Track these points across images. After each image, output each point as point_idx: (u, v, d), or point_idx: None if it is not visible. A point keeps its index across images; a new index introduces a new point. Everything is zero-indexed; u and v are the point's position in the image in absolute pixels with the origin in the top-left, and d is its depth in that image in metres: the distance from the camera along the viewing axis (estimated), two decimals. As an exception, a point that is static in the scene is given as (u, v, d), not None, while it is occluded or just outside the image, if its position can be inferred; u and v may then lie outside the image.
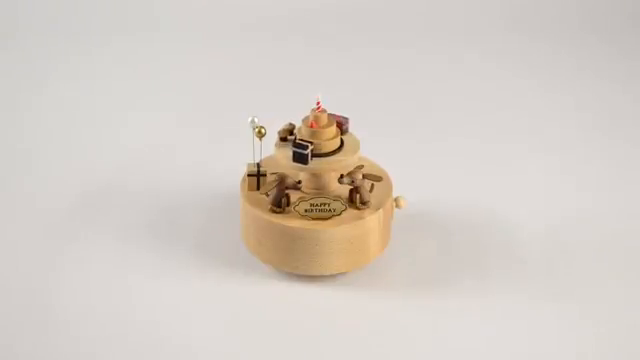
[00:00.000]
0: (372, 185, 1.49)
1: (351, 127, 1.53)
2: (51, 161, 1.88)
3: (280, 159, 1.47)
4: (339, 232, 1.44)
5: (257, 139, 1.51)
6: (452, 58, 2.45)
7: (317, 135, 1.46)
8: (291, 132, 1.49)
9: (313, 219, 1.45)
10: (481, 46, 2.53)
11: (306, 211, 1.45)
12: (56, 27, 2.53)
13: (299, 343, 1.38)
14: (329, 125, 1.47)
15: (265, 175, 1.51)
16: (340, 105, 1.58)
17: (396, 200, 1.53)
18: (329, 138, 1.47)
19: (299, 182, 1.47)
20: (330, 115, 1.48)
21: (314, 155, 1.46)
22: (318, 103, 1.47)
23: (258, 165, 1.52)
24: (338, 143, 1.48)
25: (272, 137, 1.51)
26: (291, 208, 1.46)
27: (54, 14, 2.56)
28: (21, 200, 1.73)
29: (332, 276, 1.50)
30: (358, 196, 1.47)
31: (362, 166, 1.48)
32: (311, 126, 1.46)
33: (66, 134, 1.99)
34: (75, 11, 2.58)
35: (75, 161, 1.88)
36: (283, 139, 1.49)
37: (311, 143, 1.44)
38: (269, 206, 1.46)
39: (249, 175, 1.51)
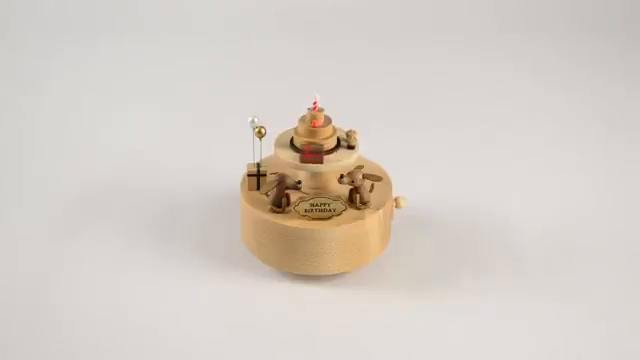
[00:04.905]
0: (372, 185, 1.49)
1: (352, 127, 1.53)
2: (51, 161, 1.88)
3: (282, 159, 1.47)
4: (339, 232, 1.44)
5: (257, 139, 1.51)
6: (452, 57, 2.45)
7: (314, 134, 1.46)
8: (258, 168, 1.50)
9: (313, 219, 1.45)
10: (481, 45, 2.53)
11: (306, 211, 1.45)
12: (56, 26, 2.53)
13: (299, 343, 1.38)
14: (326, 124, 1.47)
15: (265, 175, 1.51)
16: (340, 105, 1.58)
17: (396, 200, 1.53)
18: (326, 137, 1.47)
19: (299, 182, 1.47)
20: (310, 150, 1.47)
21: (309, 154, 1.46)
22: (315, 103, 1.47)
23: (258, 165, 1.52)
24: (335, 142, 1.48)
25: (272, 137, 1.51)
26: (291, 208, 1.46)
27: (53, 13, 2.56)
28: (21, 200, 1.73)
29: (332, 276, 1.50)
30: (358, 196, 1.47)
31: (362, 166, 1.48)
32: (313, 125, 1.46)
33: (66, 134, 1.99)
34: (76, 10, 2.58)
35: (75, 161, 1.88)
36: (251, 175, 1.50)
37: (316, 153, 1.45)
38: (269, 206, 1.46)
39: (249, 175, 1.51)
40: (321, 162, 1.45)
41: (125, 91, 2.22)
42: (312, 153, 1.45)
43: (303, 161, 1.45)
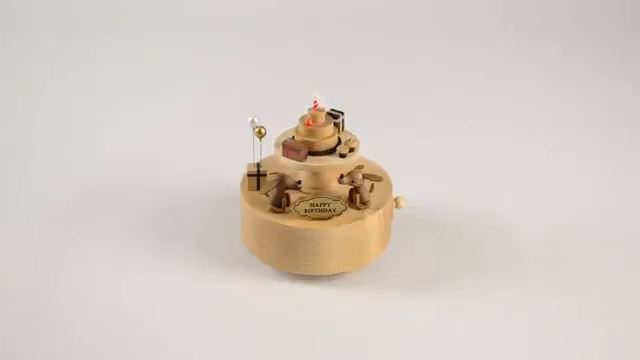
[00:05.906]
0: (372, 185, 1.49)
1: (352, 127, 1.54)
2: (51, 161, 1.88)
3: (280, 158, 1.47)
4: (339, 232, 1.44)
5: (257, 139, 1.51)
6: (453, 58, 2.45)
7: (314, 134, 1.46)
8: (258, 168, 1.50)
9: (313, 219, 1.45)
10: (482, 45, 2.53)
11: (306, 211, 1.45)
12: (56, 27, 2.53)
13: (299, 343, 1.38)
14: (326, 124, 1.47)
15: (265, 175, 1.51)
16: (340, 105, 1.58)
17: (396, 200, 1.53)
18: (326, 137, 1.47)
19: (299, 182, 1.47)
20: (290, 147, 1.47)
21: (311, 153, 1.46)
22: (315, 102, 1.47)
23: (258, 165, 1.52)
24: (335, 141, 1.48)
25: (272, 137, 1.51)
26: (291, 208, 1.46)
27: (53, 14, 2.57)
28: (21, 200, 1.73)
29: (332, 276, 1.50)
30: (358, 196, 1.47)
31: (362, 166, 1.48)
32: (307, 124, 1.46)
33: (66, 134, 2.00)
34: (76, 10, 2.58)
35: (75, 161, 1.88)
36: (251, 175, 1.51)
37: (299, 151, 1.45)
38: (269, 206, 1.46)
39: (249, 175, 1.51)
40: (301, 160, 1.45)
41: (125, 91, 2.22)
42: (292, 150, 1.45)
43: (284, 155, 1.46)
